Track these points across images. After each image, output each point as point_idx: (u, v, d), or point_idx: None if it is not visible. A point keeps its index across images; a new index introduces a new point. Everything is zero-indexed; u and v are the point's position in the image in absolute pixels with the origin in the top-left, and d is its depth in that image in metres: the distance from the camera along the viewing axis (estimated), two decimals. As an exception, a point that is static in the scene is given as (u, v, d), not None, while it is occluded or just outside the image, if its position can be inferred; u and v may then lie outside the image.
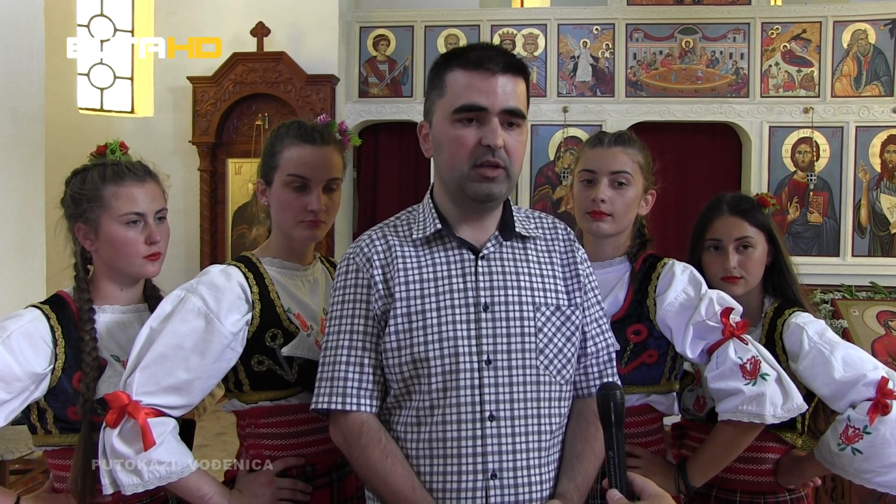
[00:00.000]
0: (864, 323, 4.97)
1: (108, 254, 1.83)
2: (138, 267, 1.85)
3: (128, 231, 1.82)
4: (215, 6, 7.79)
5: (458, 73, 1.57)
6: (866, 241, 7.46)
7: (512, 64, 1.58)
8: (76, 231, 1.84)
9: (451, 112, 1.57)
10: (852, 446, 1.87)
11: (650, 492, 1.30)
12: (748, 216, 2.10)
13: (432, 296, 1.60)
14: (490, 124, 1.55)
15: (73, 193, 1.84)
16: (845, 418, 1.89)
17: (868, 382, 1.87)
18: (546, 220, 1.77)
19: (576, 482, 1.60)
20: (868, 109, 7.37)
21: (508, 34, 7.79)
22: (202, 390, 1.75)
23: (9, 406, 1.70)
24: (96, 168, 1.84)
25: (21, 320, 1.74)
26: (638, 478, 1.32)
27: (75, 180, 1.85)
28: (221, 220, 7.79)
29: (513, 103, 1.57)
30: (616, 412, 1.32)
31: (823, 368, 1.91)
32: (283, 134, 1.94)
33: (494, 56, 1.56)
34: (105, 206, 1.81)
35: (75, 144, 1.73)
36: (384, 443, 1.58)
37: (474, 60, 1.56)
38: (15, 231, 4.65)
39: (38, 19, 4.82)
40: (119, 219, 1.81)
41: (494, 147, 1.55)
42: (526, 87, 1.62)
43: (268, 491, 1.79)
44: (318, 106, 7.41)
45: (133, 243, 1.82)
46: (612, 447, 1.32)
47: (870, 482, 1.89)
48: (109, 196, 1.81)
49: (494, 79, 1.55)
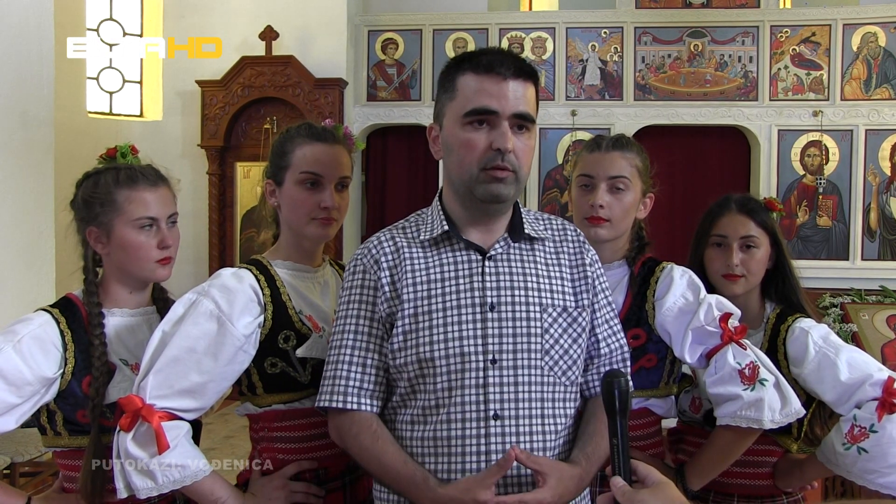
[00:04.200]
0: (874, 327, 4.95)
1: (119, 257, 1.84)
2: (150, 271, 1.86)
3: (140, 235, 1.82)
4: (224, 10, 7.82)
5: (469, 77, 1.59)
6: (876, 245, 7.43)
7: (522, 69, 1.60)
8: (88, 234, 1.84)
9: (462, 115, 1.59)
10: (858, 445, 1.87)
11: (653, 479, 1.30)
12: (754, 216, 2.11)
13: (439, 296, 1.61)
14: (500, 128, 1.57)
15: (85, 196, 1.84)
16: (851, 417, 1.89)
17: (874, 382, 1.87)
18: (555, 223, 1.77)
19: (586, 451, 1.61)
20: (878, 112, 7.34)
21: (517, 38, 7.79)
22: (215, 393, 1.76)
23: (20, 409, 1.70)
24: (109, 172, 1.84)
25: (31, 324, 1.74)
26: (641, 465, 1.32)
27: (87, 183, 1.85)
28: (230, 223, 7.81)
29: (523, 107, 1.58)
30: (620, 399, 1.32)
31: (830, 372, 1.91)
32: (293, 134, 1.96)
33: (505, 61, 1.58)
34: (118, 210, 1.81)
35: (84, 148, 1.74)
36: (374, 428, 1.62)
37: (485, 65, 1.58)
38: (24, 234, 4.67)
39: (47, 23, 4.84)
40: (132, 223, 1.82)
41: (504, 151, 1.56)
42: (535, 91, 1.64)
43: (281, 494, 1.80)
44: (327, 109, 7.43)
45: (145, 247, 1.83)
46: (615, 434, 1.32)
47: (872, 483, 1.89)
48: (123, 200, 1.81)
49: (505, 83, 1.57)
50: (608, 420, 1.34)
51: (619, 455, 1.31)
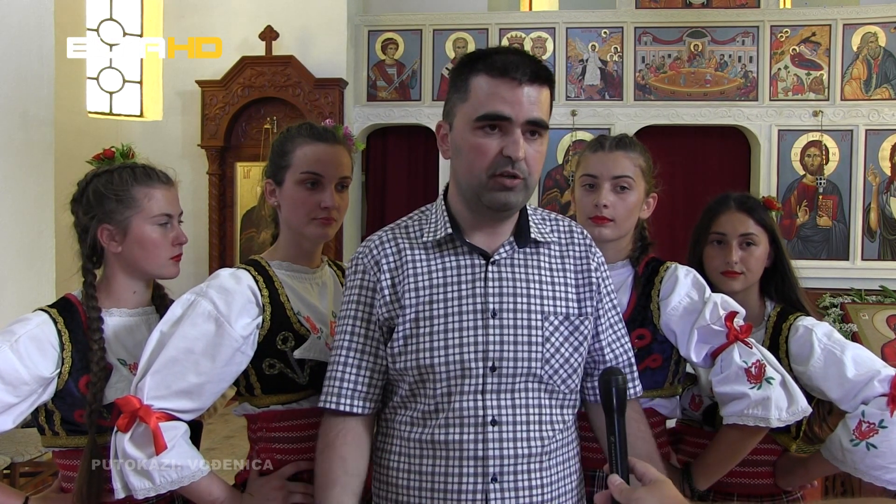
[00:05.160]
0: (874, 327, 4.94)
1: (135, 254, 1.84)
2: (163, 268, 1.88)
3: (157, 232, 1.85)
4: (224, 10, 7.82)
5: (482, 79, 1.53)
6: (876, 245, 7.43)
7: (538, 74, 1.54)
8: (100, 232, 1.83)
9: (474, 119, 1.53)
10: (867, 441, 1.86)
11: (651, 477, 1.29)
12: (753, 214, 2.12)
13: (440, 301, 1.60)
14: (513, 135, 1.52)
15: (98, 193, 1.83)
16: (859, 414, 1.88)
17: (882, 379, 1.87)
18: (562, 224, 1.75)
19: None
20: (878, 112, 7.35)
21: (517, 38, 7.79)
22: (213, 394, 1.76)
23: (17, 409, 1.71)
24: (125, 169, 1.86)
25: (29, 324, 1.75)
26: (639, 463, 1.32)
27: (99, 181, 1.85)
28: (230, 223, 7.82)
29: (537, 114, 1.53)
30: (618, 397, 1.32)
31: (836, 369, 1.91)
32: (294, 134, 1.95)
33: (521, 65, 1.52)
34: (137, 206, 1.83)
35: (85, 148, 1.74)
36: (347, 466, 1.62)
37: (500, 67, 1.52)
38: (25, 234, 4.67)
39: (47, 23, 4.84)
40: (152, 219, 1.84)
41: (516, 159, 1.52)
42: (550, 95, 1.58)
43: (279, 495, 1.79)
44: (327, 109, 7.43)
45: (162, 244, 1.86)
46: (613, 432, 1.32)
47: (879, 479, 1.89)
48: (142, 197, 1.83)
49: (520, 89, 1.51)
50: (605, 418, 1.33)
51: (617, 453, 1.31)
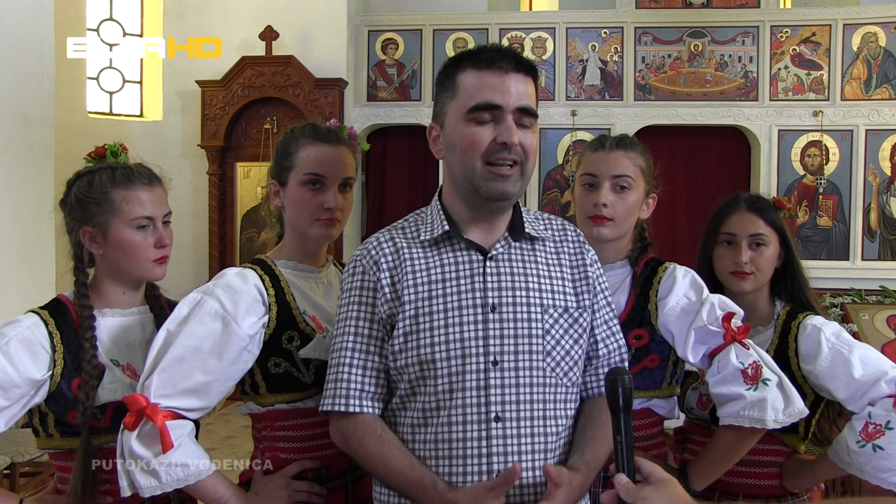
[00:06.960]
0: (875, 327, 4.95)
1: (116, 257, 1.83)
2: (147, 270, 1.85)
3: (137, 235, 1.82)
4: (224, 10, 7.82)
5: (469, 74, 1.58)
6: (876, 245, 7.43)
7: (523, 63, 1.59)
8: (82, 234, 1.83)
9: (465, 112, 1.57)
10: (874, 443, 1.86)
11: (657, 476, 1.29)
12: (764, 214, 2.12)
13: (440, 297, 1.60)
14: (505, 122, 1.56)
15: (79, 196, 1.82)
16: (865, 415, 1.88)
17: (889, 379, 1.87)
18: (555, 222, 1.77)
19: (585, 457, 1.59)
20: (878, 112, 7.35)
21: (517, 38, 7.79)
22: (219, 392, 1.76)
23: (8, 412, 1.70)
24: (104, 171, 1.83)
25: (19, 326, 1.74)
26: (645, 462, 1.31)
27: (80, 183, 1.83)
28: (230, 223, 7.81)
29: (526, 102, 1.58)
30: (624, 396, 1.32)
31: (843, 368, 1.91)
32: (297, 135, 1.96)
33: (505, 56, 1.57)
34: (115, 209, 1.80)
35: (85, 148, 1.73)
36: (379, 432, 1.60)
37: (486, 60, 1.57)
38: (25, 235, 4.67)
39: (47, 23, 4.84)
40: (130, 223, 1.81)
41: (511, 144, 1.55)
42: (535, 87, 1.63)
43: (284, 494, 1.79)
44: (327, 110, 7.43)
45: (143, 247, 1.82)
46: (619, 432, 1.32)
47: (886, 482, 1.88)
48: (119, 200, 1.81)
49: (507, 77, 1.56)
50: (612, 417, 1.34)
51: (623, 452, 1.31)
